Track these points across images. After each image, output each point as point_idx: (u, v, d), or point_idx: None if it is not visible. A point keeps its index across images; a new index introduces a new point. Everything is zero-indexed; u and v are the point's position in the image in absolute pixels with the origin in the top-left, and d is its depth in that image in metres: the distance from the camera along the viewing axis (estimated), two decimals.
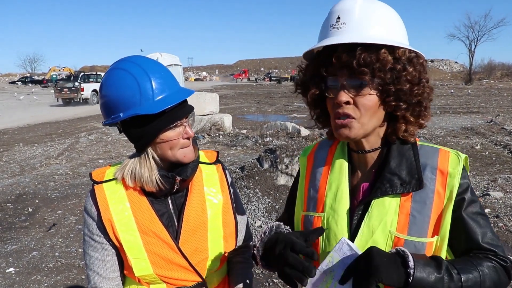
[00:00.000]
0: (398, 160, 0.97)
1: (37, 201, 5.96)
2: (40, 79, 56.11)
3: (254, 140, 10.31)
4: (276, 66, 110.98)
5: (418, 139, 1.02)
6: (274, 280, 3.49)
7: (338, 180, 1.03)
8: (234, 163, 7.55)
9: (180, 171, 1.18)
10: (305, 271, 0.84)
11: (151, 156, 1.14)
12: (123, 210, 1.16)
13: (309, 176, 1.11)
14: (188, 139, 1.16)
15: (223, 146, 10.00)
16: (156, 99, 1.08)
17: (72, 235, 4.66)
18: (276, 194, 5.41)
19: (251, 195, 5.35)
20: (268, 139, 10.25)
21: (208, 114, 12.43)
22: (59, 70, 58.87)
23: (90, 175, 1.22)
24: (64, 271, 3.83)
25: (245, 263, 1.34)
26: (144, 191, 1.18)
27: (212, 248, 1.24)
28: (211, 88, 42.43)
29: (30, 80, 54.89)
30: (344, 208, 1.00)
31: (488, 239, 0.93)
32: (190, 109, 1.16)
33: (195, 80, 79.70)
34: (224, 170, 1.34)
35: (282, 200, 5.21)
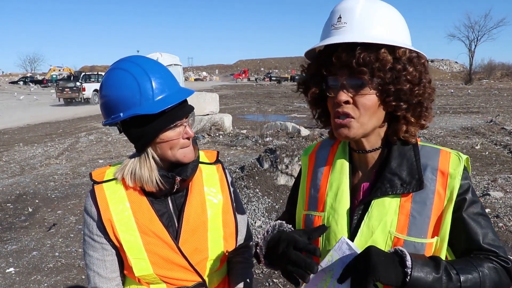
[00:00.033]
0: (399, 161, 0.97)
1: (37, 201, 5.96)
2: (40, 79, 56.20)
3: (254, 140, 10.31)
4: (276, 66, 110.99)
5: (419, 139, 1.01)
6: (274, 280, 3.49)
7: (339, 179, 1.03)
8: (234, 163, 7.55)
9: (180, 171, 1.17)
10: (307, 267, 0.85)
11: (151, 156, 1.14)
12: (123, 210, 1.16)
13: (310, 175, 1.11)
14: (188, 139, 1.16)
15: (223, 146, 10.00)
16: (156, 99, 1.08)
17: (72, 235, 4.66)
18: (276, 194, 5.41)
19: (251, 195, 5.35)
20: (268, 139, 10.25)
21: (208, 114, 12.44)
22: (59, 70, 58.94)
23: (90, 175, 1.22)
24: (64, 271, 3.83)
25: (245, 263, 1.34)
26: (144, 191, 1.18)
27: (212, 248, 1.24)
28: (211, 88, 42.44)
29: (31, 80, 54.99)
30: (344, 208, 1.00)
31: (489, 239, 0.93)
32: (190, 109, 1.16)
33: (195, 80, 79.74)
34: (224, 170, 1.34)
35: (282, 200, 5.21)
